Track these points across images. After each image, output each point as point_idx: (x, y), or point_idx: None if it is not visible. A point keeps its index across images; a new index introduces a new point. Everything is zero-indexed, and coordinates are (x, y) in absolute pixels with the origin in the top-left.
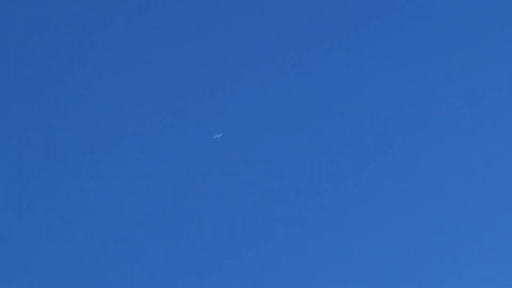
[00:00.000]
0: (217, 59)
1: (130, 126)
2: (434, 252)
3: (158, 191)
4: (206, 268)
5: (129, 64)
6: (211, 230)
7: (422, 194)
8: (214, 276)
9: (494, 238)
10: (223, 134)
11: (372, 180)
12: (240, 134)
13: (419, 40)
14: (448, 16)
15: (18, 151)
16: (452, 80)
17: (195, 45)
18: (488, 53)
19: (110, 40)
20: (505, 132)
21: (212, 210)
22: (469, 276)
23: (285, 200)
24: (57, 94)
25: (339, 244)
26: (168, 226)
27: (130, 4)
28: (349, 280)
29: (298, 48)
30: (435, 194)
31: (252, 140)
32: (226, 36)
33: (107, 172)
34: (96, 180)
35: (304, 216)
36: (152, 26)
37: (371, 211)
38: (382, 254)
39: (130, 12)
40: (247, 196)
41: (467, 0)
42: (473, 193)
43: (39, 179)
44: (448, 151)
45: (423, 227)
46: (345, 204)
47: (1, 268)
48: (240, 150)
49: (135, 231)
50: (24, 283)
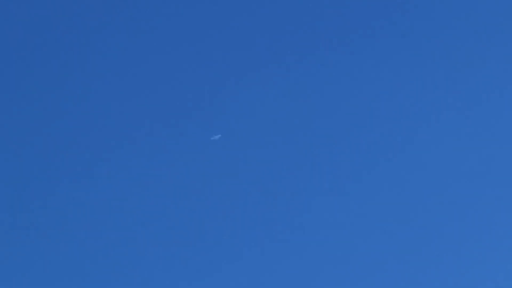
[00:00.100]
0: (216, 60)
1: (129, 127)
2: (434, 252)
3: (157, 192)
4: (204, 269)
5: (128, 65)
6: (210, 231)
7: (422, 194)
8: (214, 276)
9: (494, 238)
10: (221, 135)
11: (372, 180)
12: (238, 135)
13: (419, 40)
14: (448, 16)
15: (18, 151)
16: (452, 80)
17: (194, 46)
18: (488, 53)
19: (110, 41)
20: (505, 132)
21: (211, 211)
22: (469, 276)
23: (284, 200)
24: (57, 94)
25: (339, 244)
26: (166, 226)
27: (130, 4)
28: (349, 280)
29: (297, 49)
30: (435, 194)
31: (250, 141)
32: (225, 37)
33: (106, 173)
34: (95, 180)
35: (304, 216)
36: (152, 27)
37: (371, 211)
38: (382, 254)
39: (130, 12)
40: (246, 197)
41: (467, 0)
42: (473, 193)
43: (39, 179)
44: (448, 151)
45: (423, 227)
46: (345, 204)
47: (1, 268)
48: (238, 151)
49: (134, 231)
50: (24, 283)
